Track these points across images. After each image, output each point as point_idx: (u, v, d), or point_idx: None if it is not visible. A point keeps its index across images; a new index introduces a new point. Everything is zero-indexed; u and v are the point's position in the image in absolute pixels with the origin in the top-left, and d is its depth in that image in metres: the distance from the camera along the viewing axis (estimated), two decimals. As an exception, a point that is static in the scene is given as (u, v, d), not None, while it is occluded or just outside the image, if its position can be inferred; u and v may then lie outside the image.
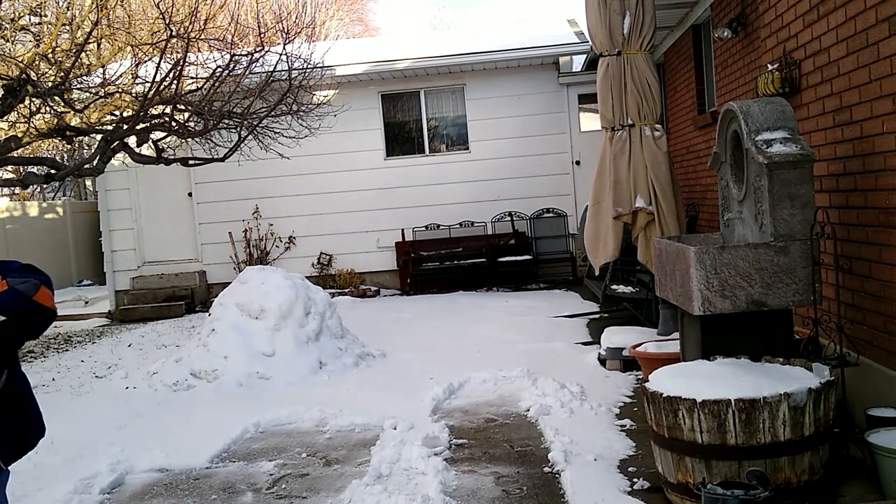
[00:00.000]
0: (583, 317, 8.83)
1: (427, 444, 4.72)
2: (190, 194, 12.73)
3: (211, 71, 8.54)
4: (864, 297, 4.17)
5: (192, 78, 8.78)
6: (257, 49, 8.81)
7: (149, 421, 5.77)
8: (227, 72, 8.45)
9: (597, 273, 8.38)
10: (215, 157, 9.14)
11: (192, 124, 8.68)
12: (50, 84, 7.36)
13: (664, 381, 3.63)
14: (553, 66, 12.33)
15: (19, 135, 7.80)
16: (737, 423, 3.27)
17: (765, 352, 3.88)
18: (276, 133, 9.24)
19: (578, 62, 12.55)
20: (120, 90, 8.55)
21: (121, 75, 8.98)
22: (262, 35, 8.99)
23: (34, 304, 2.39)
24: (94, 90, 8.42)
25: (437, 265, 11.80)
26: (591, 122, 12.01)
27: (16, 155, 8.11)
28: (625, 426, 4.88)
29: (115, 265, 12.78)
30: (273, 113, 8.81)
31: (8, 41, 8.51)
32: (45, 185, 13.46)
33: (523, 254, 11.62)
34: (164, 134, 8.79)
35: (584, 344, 7.35)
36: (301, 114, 9.41)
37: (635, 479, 3.97)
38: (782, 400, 3.27)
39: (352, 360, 7.07)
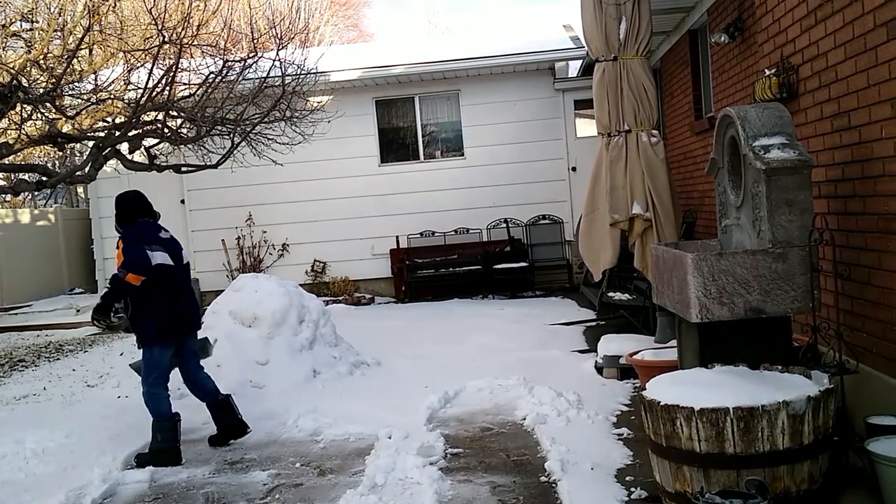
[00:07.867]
0: (579, 324, 8.79)
1: (422, 453, 4.67)
2: (182, 201, 12.67)
3: (204, 77, 8.49)
4: (864, 303, 4.14)
5: (185, 84, 8.73)
6: (250, 55, 8.76)
7: (141, 431, 5.68)
8: (219, 78, 8.40)
9: (595, 280, 8.34)
10: (208, 163, 9.09)
11: (184, 131, 8.63)
12: (41, 90, 7.30)
13: (662, 389, 3.59)
14: (549, 72, 12.31)
15: (10, 141, 7.75)
16: (735, 431, 3.23)
17: (763, 359, 3.84)
18: (269, 139, 9.19)
19: (574, 67, 12.53)
20: (112, 96, 8.50)
21: (113, 81, 8.92)
22: (255, 41, 8.97)
23: None
24: (85, 96, 8.36)
25: (432, 272, 11.74)
26: (587, 127, 11.98)
27: (7, 162, 8.03)
28: (622, 435, 4.83)
29: (107, 273, 12.68)
30: (266, 119, 8.76)
31: (-1, 47, 8.46)
32: (36, 193, 13.36)
33: (519, 261, 11.58)
34: (156, 140, 8.73)
35: (581, 352, 7.31)
36: (295, 120, 9.37)
37: (633, 489, 3.94)
38: (781, 408, 3.23)
39: (346, 368, 7.01)
